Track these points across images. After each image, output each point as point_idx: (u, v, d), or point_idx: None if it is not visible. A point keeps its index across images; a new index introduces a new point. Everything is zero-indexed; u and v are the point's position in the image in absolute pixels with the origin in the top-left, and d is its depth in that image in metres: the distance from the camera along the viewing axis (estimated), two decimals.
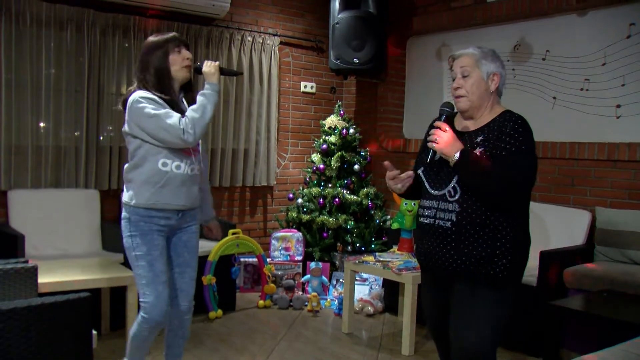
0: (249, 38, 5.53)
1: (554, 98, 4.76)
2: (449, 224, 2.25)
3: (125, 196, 2.78)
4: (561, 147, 4.58)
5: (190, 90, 2.88)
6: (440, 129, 2.25)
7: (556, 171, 4.63)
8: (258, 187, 5.79)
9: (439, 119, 2.33)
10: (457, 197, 2.25)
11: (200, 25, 5.22)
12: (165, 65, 2.74)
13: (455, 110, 2.41)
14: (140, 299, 2.75)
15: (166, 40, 2.78)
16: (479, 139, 2.27)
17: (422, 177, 2.41)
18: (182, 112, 2.73)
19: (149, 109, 2.65)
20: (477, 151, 2.22)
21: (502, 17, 4.96)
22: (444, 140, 2.22)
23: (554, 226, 4.37)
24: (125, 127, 2.75)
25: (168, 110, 2.69)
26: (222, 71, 2.86)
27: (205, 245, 4.36)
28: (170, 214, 2.77)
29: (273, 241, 5.23)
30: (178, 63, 2.76)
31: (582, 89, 4.59)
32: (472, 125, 2.35)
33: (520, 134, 2.20)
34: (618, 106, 4.38)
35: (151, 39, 2.82)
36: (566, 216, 4.37)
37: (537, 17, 4.84)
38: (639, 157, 4.19)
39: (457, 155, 2.20)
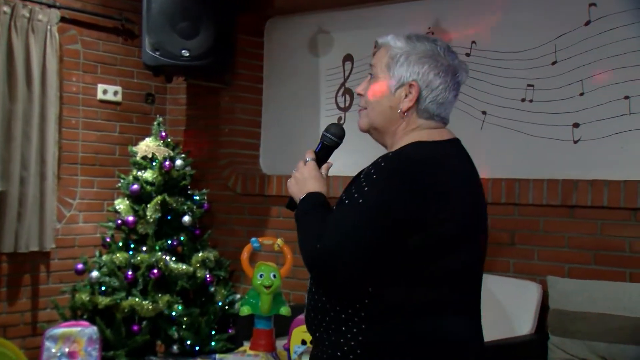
0: (6, 9, 5.17)
1: (484, 113, 4.89)
2: (307, 307, 2.34)
3: None
4: (495, 187, 4.63)
5: None
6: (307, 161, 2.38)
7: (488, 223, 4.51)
8: (24, 254, 5.44)
9: (316, 148, 2.44)
10: None
11: None
12: None
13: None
14: None
15: None
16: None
17: None
18: None
19: None
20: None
21: None
22: (297, 178, 2.34)
23: (487, 307, 4.32)
24: None
25: None
26: None
27: None
28: None
29: (48, 343, 4.95)
30: None
31: (524, 100, 4.73)
32: None
33: (369, 182, 2.12)
34: (576, 125, 4.51)
35: None
36: (505, 290, 4.43)
37: None
38: (607, 201, 4.21)
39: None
